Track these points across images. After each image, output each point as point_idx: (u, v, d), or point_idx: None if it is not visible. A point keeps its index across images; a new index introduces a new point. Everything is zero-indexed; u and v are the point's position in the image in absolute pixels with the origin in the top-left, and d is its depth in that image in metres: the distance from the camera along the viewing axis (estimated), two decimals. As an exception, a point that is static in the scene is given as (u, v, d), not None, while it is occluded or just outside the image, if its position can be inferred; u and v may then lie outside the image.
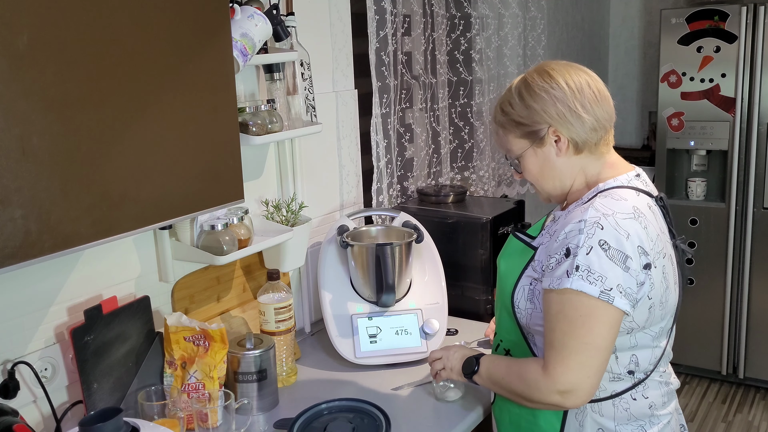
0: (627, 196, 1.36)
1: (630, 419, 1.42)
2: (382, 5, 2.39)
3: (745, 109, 3.53)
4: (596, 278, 1.28)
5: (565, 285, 1.29)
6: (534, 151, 1.44)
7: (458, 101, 2.94)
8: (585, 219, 1.32)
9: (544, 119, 1.39)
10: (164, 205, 1.38)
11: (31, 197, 1.14)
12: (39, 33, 1.12)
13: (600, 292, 1.27)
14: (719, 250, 3.70)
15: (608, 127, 1.42)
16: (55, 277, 1.52)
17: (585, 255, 1.29)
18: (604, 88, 1.43)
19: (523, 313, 1.43)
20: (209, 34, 1.42)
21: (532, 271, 1.42)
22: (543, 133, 1.40)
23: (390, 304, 1.95)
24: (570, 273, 1.29)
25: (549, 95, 1.38)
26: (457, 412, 1.66)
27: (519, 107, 1.41)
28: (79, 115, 1.20)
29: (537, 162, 1.44)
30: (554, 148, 1.41)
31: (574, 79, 1.39)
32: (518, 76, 1.47)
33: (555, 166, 1.43)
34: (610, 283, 1.28)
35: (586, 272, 1.28)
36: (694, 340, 3.84)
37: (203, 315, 1.83)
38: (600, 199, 1.36)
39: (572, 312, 1.30)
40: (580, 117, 1.38)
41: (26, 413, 1.45)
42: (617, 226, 1.30)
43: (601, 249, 1.28)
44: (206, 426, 1.54)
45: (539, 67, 1.43)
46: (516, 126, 1.43)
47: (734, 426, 3.47)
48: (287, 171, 2.04)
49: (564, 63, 1.43)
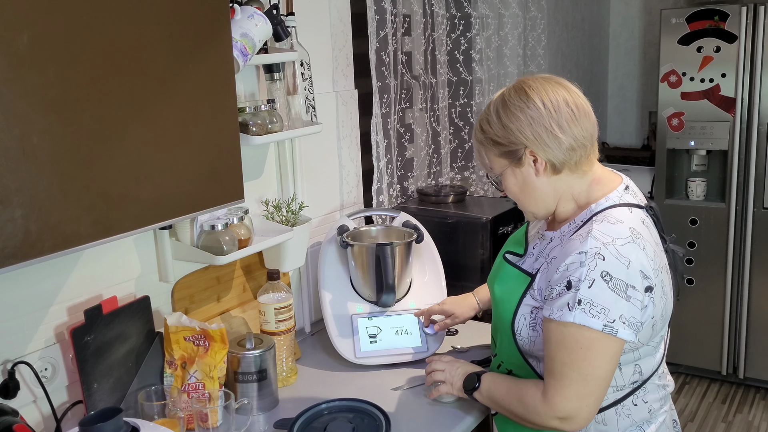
0: (622, 217, 1.34)
1: (632, 425, 1.43)
2: (382, 5, 2.39)
3: (745, 109, 3.53)
4: (599, 311, 1.26)
5: (567, 319, 1.28)
6: (513, 171, 1.41)
7: (458, 101, 2.94)
8: (586, 251, 1.29)
9: (520, 140, 1.36)
10: (164, 205, 1.38)
11: (31, 197, 1.14)
12: (39, 33, 1.12)
13: (603, 326, 1.27)
14: (719, 250, 3.70)
15: (588, 145, 1.38)
16: (55, 277, 1.52)
17: (587, 288, 1.27)
18: (584, 103, 1.39)
19: (525, 341, 1.42)
20: (209, 34, 1.42)
21: (531, 299, 1.41)
22: (520, 153, 1.37)
23: (390, 304, 1.95)
24: (572, 306, 1.28)
25: (525, 115, 1.35)
26: (456, 412, 1.66)
27: (496, 126, 1.39)
28: (79, 115, 1.20)
29: (516, 182, 1.42)
30: (533, 168, 1.38)
31: (551, 97, 1.35)
32: (498, 93, 1.43)
33: (535, 186, 1.40)
34: (613, 315, 1.27)
35: (588, 306, 1.27)
36: (694, 340, 3.84)
37: (203, 315, 1.83)
38: (597, 225, 1.33)
39: (573, 344, 1.29)
40: (556, 138, 1.35)
41: (26, 413, 1.45)
42: (618, 254, 1.28)
43: (603, 281, 1.27)
44: (206, 426, 1.54)
45: (517, 83, 1.40)
46: (494, 145, 1.40)
47: (734, 426, 3.47)
48: (287, 171, 2.04)
49: (542, 78, 1.40)
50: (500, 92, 1.42)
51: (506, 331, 1.46)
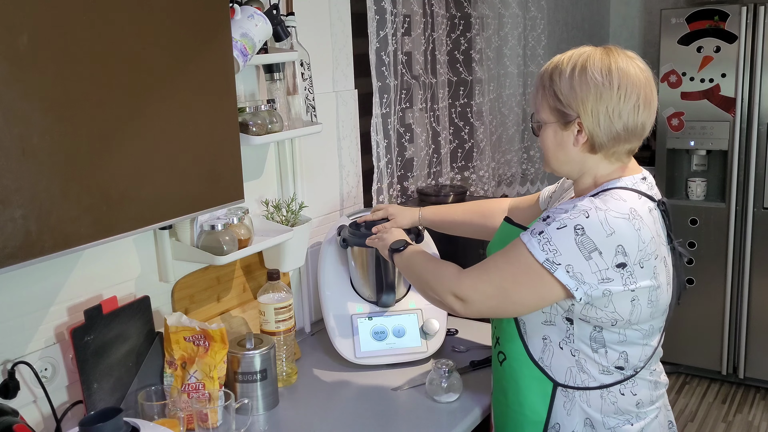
0: (627, 197, 1.36)
1: (616, 412, 1.43)
2: (382, 5, 2.39)
3: (745, 109, 3.53)
4: (551, 249, 1.31)
5: (523, 239, 1.35)
6: (555, 129, 1.40)
7: (458, 101, 2.94)
8: (576, 204, 1.35)
9: (578, 108, 1.35)
10: (164, 205, 1.38)
11: (31, 197, 1.14)
12: (39, 33, 1.12)
13: (545, 260, 1.31)
14: (719, 250, 3.70)
15: (634, 140, 1.39)
16: (55, 277, 1.52)
17: (555, 229, 1.32)
18: (653, 98, 1.38)
19: None
20: (209, 34, 1.42)
21: None
22: (571, 118, 1.37)
23: (390, 304, 1.95)
24: (533, 233, 1.34)
25: (596, 90, 1.33)
26: (456, 412, 1.66)
27: (566, 83, 1.36)
28: (79, 115, 1.20)
29: (554, 140, 1.42)
30: (573, 137, 1.39)
31: (630, 83, 1.34)
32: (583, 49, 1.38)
33: (569, 152, 1.41)
34: (561, 259, 1.31)
35: (545, 241, 1.32)
36: (694, 340, 3.84)
37: (203, 315, 1.83)
38: (600, 196, 1.37)
39: (513, 259, 1.36)
40: (611, 123, 1.35)
41: (26, 413, 1.45)
42: (604, 221, 1.31)
43: (573, 231, 1.31)
44: (206, 426, 1.54)
45: (606, 51, 1.37)
46: (553, 97, 1.38)
47: (734, 426, 3.47)
48: (287, 171, 2.04)
49: (628, 57, 1.37)
50: (587, 50, 1.38)
51: None
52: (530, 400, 1.46)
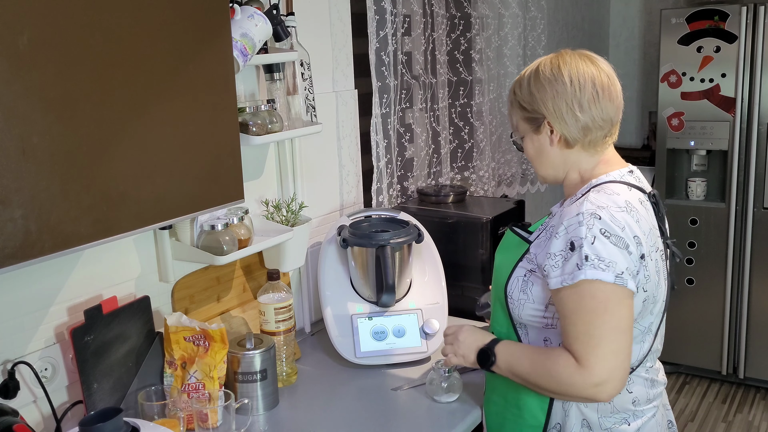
0: (619, 190, 1.39)
1: (613, 411, 1.43)
2: (382, 5, 2.39)
3: (745, 109, 3.53)
4: (607, 264, 1.29)
5: (580, 277, 1.30)
6: (531, 137, 1.48)
7: (458, 101, 2.94)
8: (582, 212, 1.34)
9: (541, 110, 1.42)
10: (164, 205, 1.38)
11: (31, 197, 1.14)
12: (39, 33, 1.12)
13: (615, 277, 1.30)
14: (719, 250, 3.70)
15: (605, 127, 1.43)
16: (55, 277, 1.52)
17: (590, 245, 1.30)
18: (612, 86, 1.44)
19: (515, 304, 1.44)
20: (209, 34, 1.42)
21: (526, 262, 1.44)
22: (540, 122, 1.44)
23: (390, 304, 1.95)
24: (581, 265, 1.30)
25: (551, 88, 1.41)
26: (455, 412, 1.66)
27: (525, 91, 1.45)
28: (79, 115, 1.20)
29: (533, 147, 1.48)
30: (548, 138, 1.45)
31: (580, 75, 1.40)
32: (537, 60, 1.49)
33: (548, 154, 1.47)
34: (619, 267, 1.30)
35: (596, 260, 1.30)
36: (694, 340, 3.83)
37: (203, 315, 1.83)
38: (593, 193, 1.38)
39: (591, 302, 1.30)
40: (575, 115, 1.40)
41: (26, 413, 1.45)
42: (613, 218, 1.33)
43: (603, 237, 1.31)
44: (206, 426, 1.54)
45: (555, 55, 1.45)
46: (520, 108, 1.47)
47: (734, 426, 3.47)
48: (287, 171, 2.04)
49: (578, 54, 1.44)
50: (539, 60, 1.47)
51: (500, 296, 1.49)
52: (529, 404, 1.45)
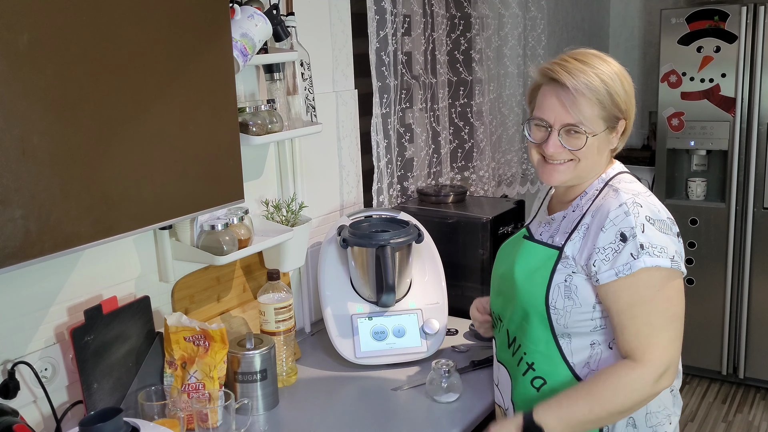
0: (630, 179, 1.45)
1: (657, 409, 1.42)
2: (382, 5, 2.39)
3: (745, 109, 3.53)
4: (660, 251, 1.32)
5: (639, 266, 1.31)
6: (601, 137, 1.41)
7: (458, 101, 2.94)
8: (624, 202, 1.36)
9: (625, 109, 1.43)
10: (164, 205, 1.38)
11: (31, 197, 1.14)
12: (39, 33, 1.12)
13: (670, 261, 1.32)
14: (719, 250, 3.70)
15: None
16: (55, 277, 1.52)
17: (642, 233, 1.33)
18: None
19: (561, 313, 1.39)
20: (209, 34, 1.42)
21: (564, 268, 1.40)
22: (617, 121, 1.44)
23: (390, 304, 1.95)
24: (636, 255, 1.31)
25: (632, 89, 1.44)
26: (456, 412, 1.66)
27: (622, 93, 1.42)
28: (79, 115, 1.20)
29: (598, 147, 1.42)
30: (613, 137, 1.45)
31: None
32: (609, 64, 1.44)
33: (603, 153, 1.45)
34: (670, 251, 1.33)
35: (650, 247, 1.32)
36: (695, 340, 3.83)
37: (203, 315, 1.83)
38: (618, 184, 1.42)
39: (648, 291, 1.32)
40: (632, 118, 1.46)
41: (26, 413, 1.45)
42: (648, 203, 1.37)
43: (650, 224, 1.34)
44: (206, 426, 1.54)
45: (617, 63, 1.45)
46: (612, 106, 1.39)
47: (734, 426, 3.47)
48: (287, 171, 2.04)
49: None
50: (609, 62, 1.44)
51: (539, 310, 1.41)
52: None
